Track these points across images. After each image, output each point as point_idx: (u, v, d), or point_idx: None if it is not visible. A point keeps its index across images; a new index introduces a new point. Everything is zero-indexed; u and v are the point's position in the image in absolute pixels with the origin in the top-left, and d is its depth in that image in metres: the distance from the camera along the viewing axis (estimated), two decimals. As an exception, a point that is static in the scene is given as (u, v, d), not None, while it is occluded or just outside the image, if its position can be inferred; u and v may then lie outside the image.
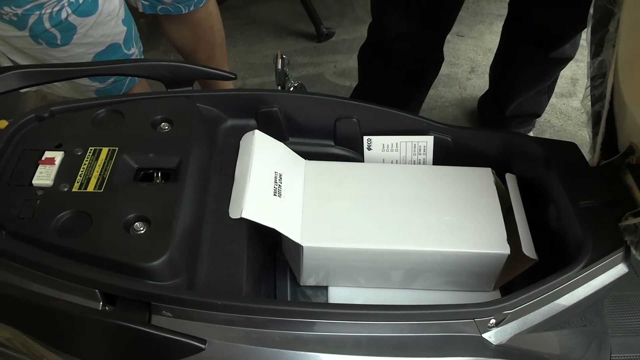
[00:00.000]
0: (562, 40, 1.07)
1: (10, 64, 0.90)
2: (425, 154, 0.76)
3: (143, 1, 1.08)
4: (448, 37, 1.07)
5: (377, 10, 1.03)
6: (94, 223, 0.53)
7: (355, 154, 0.77)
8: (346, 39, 1.78)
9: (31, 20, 0.82)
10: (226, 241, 0.60)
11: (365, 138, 0.76)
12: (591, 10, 0.62)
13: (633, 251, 0.59)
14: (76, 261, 0.51)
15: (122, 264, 0.51)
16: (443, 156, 0.75)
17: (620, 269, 0.59)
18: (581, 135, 1.51)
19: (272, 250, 0.73)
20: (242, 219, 0.60)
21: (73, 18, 0.84)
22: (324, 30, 1.77)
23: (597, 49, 0.64)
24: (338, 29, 1.81)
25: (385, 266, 0.66)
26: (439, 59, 1.11)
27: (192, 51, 1.23)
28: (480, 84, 1.60)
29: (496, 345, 0.56)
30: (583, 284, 0.58)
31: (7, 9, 0.80)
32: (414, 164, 0.77)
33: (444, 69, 1.21)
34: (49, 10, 0.81)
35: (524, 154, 0.72)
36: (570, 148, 0.70)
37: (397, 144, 0.76)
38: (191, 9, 1.12)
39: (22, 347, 0.54)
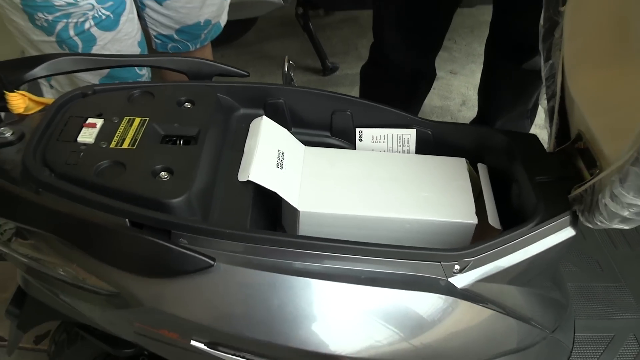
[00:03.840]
0: (533, 51, 1.18)
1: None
2: (409, 146, 0.88)
3: (156, 40, 1.22)
4: (442, 74, 1.20)
5: (376, 27, 1.17)
6: (127, 170, 0.65)
7: (348, 144, 0.89)
8: (349, 73, 1.94)
9: (59, 26, 0.94)
10: (234, 200, 0.71)
11: (357, 130, 0.88)
12: (541, 22, 0.76)
13: (580, 218, 0.69)
14: (111, 197, 0.62)
15: (149, 200, 0.62)
16: (424, 148, 0.87)
17: (568, 232, 0.70)
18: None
19: (272, 225, 0.83)
20: (248, 183, 0.72)
21: (94, 30, 0.97)
22: (329, 64, 1.93)
23: (547, 54, 0.77)
24: (342, 64, 1.96)
25: (370, 233, 0.76)
26: (431, 74, 1.25)
27: None
28: (470, 115, 1.74)
29: (460, 288, 0.66)
30: (535, 242, 0.68)
31: (40, 14, 0.93)
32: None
33: (437, 102, 1.35)
34: (74, 20, 0.94)
35: (493, 144, 0.83)
36: (531, 139, 0.82)
37: (384, 135, 0.88)
38: (197, 46, 1.26)
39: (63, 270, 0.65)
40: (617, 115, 0.66)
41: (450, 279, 0.66)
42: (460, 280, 0.66)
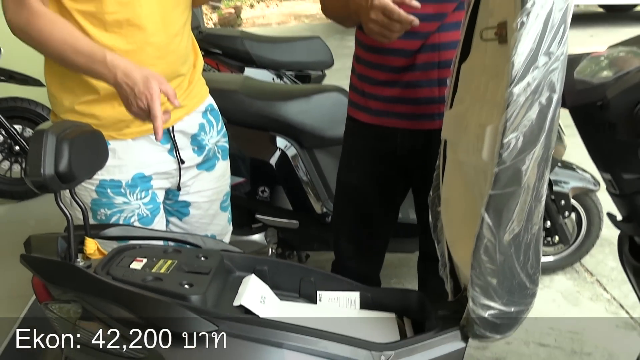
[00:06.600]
0: None
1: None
2: (355, 305, 1.21)
3: None
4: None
5: (335, 244, 1.60)
6: (163, 281, 0.98)
7: (311, 303, 1.22)
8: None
9: (113, 218, 1.34)
10: (229, 317, 1.02)
11: (318, 292, 1.22)
12: (430, 220, 1.20)
13: (469, 336, 1.01)
14: (154, 293, 0.94)
15: (178, 295, 0.94)
16: (366, 306, 1.21)
17: (459, 344, 1.00)
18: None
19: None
20: (240, 307, 1.04)
21: (136, 223, 1.36)
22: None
23: (438, 238, 1.19)
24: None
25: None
26: (377, 283, 1.62)
27: None
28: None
29: (387, 374, 0.94)
30: (437, 346, 0.99)
31: (102, 210, 1.33)
32: (348, 310, 1.22)
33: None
34: (125, 215, 1.34)
35: (413, 301, 1.18)
36: (438, 296, 1.17)
37: (337, 297, 1.22)
38: None
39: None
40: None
41: (378, 366, 0.94)
42: (387, 368, 0.94)
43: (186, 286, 0.98)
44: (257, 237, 2.18)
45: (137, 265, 1.05)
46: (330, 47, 3.34)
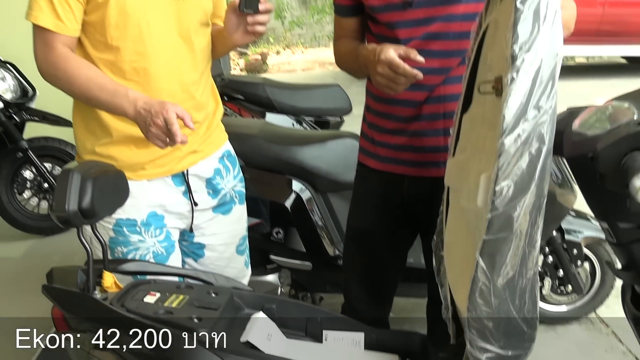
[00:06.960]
0: None
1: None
2: (360, 345, 1.24)
3: None
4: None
5: (345, 286, 1.63)
6: (174, 314, 1.03)
7: (317, 342, 1.25)
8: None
9: (129, 256, 1.40)
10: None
11: (324, 332, 1.25)
12: (434, 264, 1.23)
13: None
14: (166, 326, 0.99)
15: (186, 328, 0.99)
16: (370, 347, 1.23)
17: (456, 384, 1.02)
18: None
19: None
20: (247, 343, 1.08)
21: (151, 260, 1.42)
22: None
23: (441, 282, 1.22)
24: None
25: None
26: (385, 325, 1.63)
27: None
28: None
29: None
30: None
31: (119, 248, 1.40)
32: (352, 350, 1.24)
33: None
34: (141, 252, 1.40)
35: (416, 344, 1.20)
36: (441, 339, 1.19)
37: (342, 338, 1.25)
38: None
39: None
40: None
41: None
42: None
43: (195, 320, 1.03)
44: (271, 277, 2.22)
45: (150, 299, 1.10)
46: (351, 94, 3.44)
